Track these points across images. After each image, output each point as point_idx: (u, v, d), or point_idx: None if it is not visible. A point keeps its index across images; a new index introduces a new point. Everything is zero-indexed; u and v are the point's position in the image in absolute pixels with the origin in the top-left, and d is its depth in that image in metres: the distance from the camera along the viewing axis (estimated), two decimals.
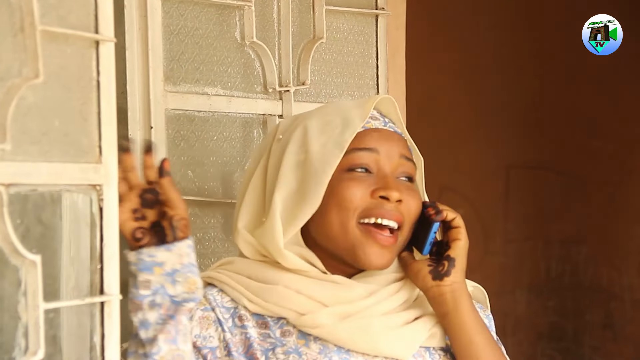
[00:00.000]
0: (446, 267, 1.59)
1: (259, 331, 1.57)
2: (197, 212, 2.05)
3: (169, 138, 1.98)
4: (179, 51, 2.02)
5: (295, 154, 1.60)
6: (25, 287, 1.17)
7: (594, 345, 1.96)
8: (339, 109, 1.64)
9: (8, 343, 1.19)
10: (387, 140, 1.61)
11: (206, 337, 1.56)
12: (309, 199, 1.56)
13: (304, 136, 1.60)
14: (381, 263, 1.58)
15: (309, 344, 1.55)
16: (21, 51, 1.15)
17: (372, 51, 2.42)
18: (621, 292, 3.87)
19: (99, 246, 1.24)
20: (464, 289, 1.61)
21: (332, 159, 1.55)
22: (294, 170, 1.59)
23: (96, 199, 1.24)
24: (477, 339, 1.61)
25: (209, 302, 1.58)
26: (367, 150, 1.58)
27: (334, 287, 1.58)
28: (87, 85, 1.21)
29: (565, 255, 3.96)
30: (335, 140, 1.57)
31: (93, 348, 1.24)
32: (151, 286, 1.39)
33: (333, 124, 1.59)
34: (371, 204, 1.56)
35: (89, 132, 1.21)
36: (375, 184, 1.57)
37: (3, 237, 1.15)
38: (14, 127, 1.14)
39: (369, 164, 1.58)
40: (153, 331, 1.38)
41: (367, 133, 1.59)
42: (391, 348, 1.56)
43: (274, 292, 1.56)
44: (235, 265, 1.64)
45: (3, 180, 1.14)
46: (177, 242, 1.40)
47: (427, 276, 1.60)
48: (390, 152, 1.59)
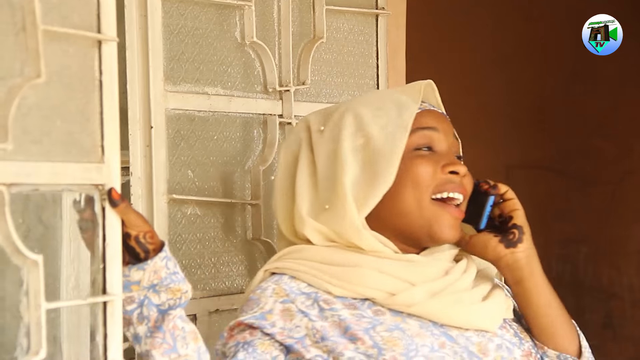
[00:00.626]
0: (517, 235, 1.67)
1: (350, 312, 1.58)
2: (197, 212, 2.05)
3: (169, 138, 1.98)
4: (179, 51, 2.02)
5: (351, 140, 1.64)
6: (27, 287, 1.17)
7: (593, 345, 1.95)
8: (385, 96, 1.72)
9: (10, 343, 1.19)
10: (441, 120, 1.69)
11: (291, 329, 1.56)
12: (381, 179, 1.61)
13: (356, 122, 1.65)
14: (454, 235, 1.66)
15: (406, 320, 1.59)
16: (23, 51, 1.14)
17: (372, 51, 2.42)
18: (621, 292, 3.87)
19: (101, 246, 1.24)
20: (536, 255, 1.69)
21: (399, 140, 1.61)
22: (354, 154, 1.64)
23: (99, 199, 1.24)
24: (553, 302, 1.69)
25: (287, 294, 1.60)
26: (429, 129, 1.66)
27: (413, 266, 1.63)
28: (89, 85, 1.21)
29: (565, 255, 3.96)
30: (396, 122, 1.63)
31: (96, 348, 1.24)
32: (135, 299, 1.39)
33: (386, 108, 1.65)
34: (442, 179, 1.64)
35: (92, 131, 1.21)
36: (441, 159, 1.64)
37: (5, 236, 1.15)
38: (16, 126, 1.14)
39: (432, 143, 1.66)
40: (144, 345, 1.39)
41: (424, 114, 1.67)
42: (483, 320, 1.62)
43: (358, 274, 1.60)
44: (304, 252, 1.65)
45: (4, 180, 1.14)
46: (149, 260, 1.39)
47: (498, 246, 1.67)
48: (446, 130, 1.68)
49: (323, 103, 2.29)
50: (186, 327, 1.41)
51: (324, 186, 1.65)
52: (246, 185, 2.13)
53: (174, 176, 1.99)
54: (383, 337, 1.55)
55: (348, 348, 1.53)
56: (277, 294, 1.59)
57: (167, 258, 1.41)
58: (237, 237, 2.12)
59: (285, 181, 1.72)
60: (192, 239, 2.03)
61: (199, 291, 2.04)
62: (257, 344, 1.55)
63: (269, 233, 2.16)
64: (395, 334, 1.56)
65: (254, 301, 1.60)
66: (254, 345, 1.55)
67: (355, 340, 1.54)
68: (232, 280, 2.12)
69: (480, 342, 1.60)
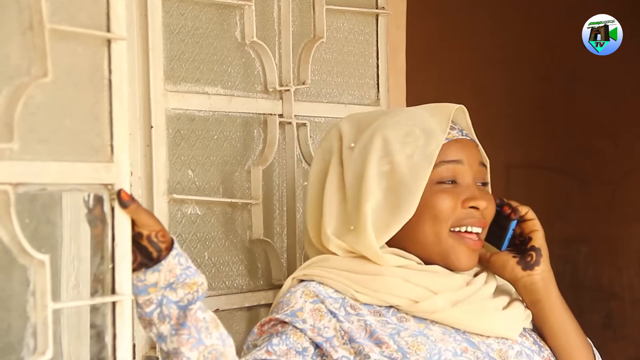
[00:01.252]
0: (535, 258, 1.72)
1: (376, 318, 1.63)
2: (198, 212, 2.04)
3: (169, 137, 1.98)
4: (179, 50, 2.02)
5: (377, 165, 1.68)
6: (33, 287, 1.16)
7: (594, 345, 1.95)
8: (415, 118, 1.71)
9: (17, 343, 1.19)
10: (468, 149, 1.71)
11: (321, 328, 1.61)
12: (403, 210, 1.64)
13: (384, 147, 1.68)
14: (470, 265, 1.70)
15: (429, 326, 1.63)
16: (30, 50, 1.14)
17: (372, 51, 2.42)
18: (621, 292, 3.88)
19: (110, 246, 1.24)
20: (552, 277, 1.75)
21: (423, 172, 1.64)
22: (378, 181, 1.67)
23: (108, 199, 1.23)
24: (569, 322, 1.74)
25: (317, 295, 1.65)
26: (454, 162, 1.68)
27: (436, 276, 1.68)
28: (98, 84, 1.20)
29: (565, 255, 3.97)
30: (422, 153, 1.65)
31: (105, 348, 1.24)
32: (153, 301, 1.39)
33: (414, 134, 1.67)
34: (462, 213, 1.67)
35: (101, 131, 1.21)
36: (463, 193, 1.68)
37: (11, 236, 1.14)
38: (22, 126, 1.14)
39: (456, 176, 1.68)
40: (171, 343, 1.39)
41: (450, 145, 1.68)
42: (504, 328, 1.67)
43: (383, 282, 1.65)
44: (331, 262, 1.71)
45: (10, 180, 1.13)
46: (163, 261, 1.39)
47: (516, 267, 1.72)
48: (471, 161, 1.70)
49: (323, 103, 2.29)
50: (207, 316, 1.42)
51: (351, 205, 1.69)
52: (246, 185, 2.13)
53: (174, 176, 1.99)
54: (407, 341, 1.60)
55: (374, 351, 1.58)
56: (307, 295, 1.65)
57: (178, 255, 1.41)
58: (238, 237, 2.12)
59: (316, 188, 1.77)
60: (192, 238, 2.03)
61: None
62: (290, 333, 1.60)
63: (269, 233, 2.16)
64: (419, 339, 1.61)
65: (284, 302, 1.66)
66: (287, 333, 1.60)
67: (381, 344, 1.59)
68: (232, 280, 2.11)
69: (500, 349, 1.65)
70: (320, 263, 1.71)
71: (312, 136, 2.24)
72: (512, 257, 1.73)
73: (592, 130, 3.94)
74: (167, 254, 1.39)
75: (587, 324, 3.94)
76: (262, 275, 2.14)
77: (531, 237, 1.73)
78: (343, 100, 2.34)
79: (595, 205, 3.95)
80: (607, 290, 3.89)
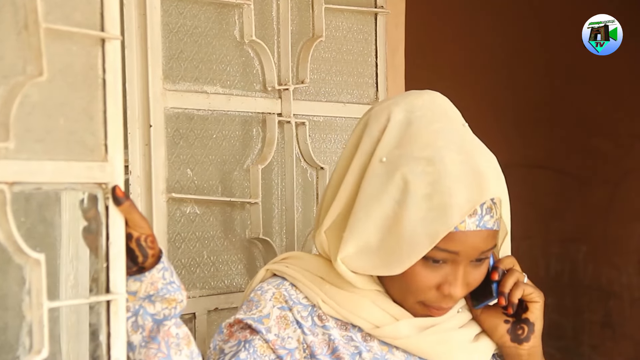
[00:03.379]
0: (526, 333, 1.64)
1: (341, 333, 1.60)
2: (196, 211, 2.05)
3: (168, 136, 1.98)
4: (178, 49, 2.02)
5: (387, 206, 1.53)
6: (29, 286, 1.16)
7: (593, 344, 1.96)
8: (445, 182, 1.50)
9: (12, 342, 1.19)
10: (473, 240, 1.53)
11: (284, 338, 1.57)
12: (387, 268, 1.54)
13: (402, 192, 1.52)
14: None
15: (393, 350, 1.60)
16: (25, 49, 1.14)
17: (371, 50, 2.42)
18: (620, 291, 3.88)
19: (105, 245, 1.24)
20: (540, 352, 1.66)
21: (419, 248, 1.51)
22: (379, 221, 1.53)
23: (102, 197, 1.23)
24: None
25: (285, 301, 1.60)
26: (449, 252, 1.53)
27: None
28: (92, 84, 1.20)
29: (564, 254, 3.97)
30: (427, 228, 1.50)
31: (99, 347, 1.24)
32: (130, 309, 1.38)
33: (432, 201, 1.50)
34: (433, 296, 1.57)
35: (95, 130, 1.20)
36: (444, 276, 1.55)
37: (6, 235, 1.14)
38: (18, 125, 1.13)
39: (447, 259, 1.54)
40: (139, 354, 1.38)
41: (455, 235, 1.51)
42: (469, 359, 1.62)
43: (350, 299, 1.59)
44: (305, 262, 1.65)
45: (6, 179, 1.13)
46: (147, 272, 1.37)
47: (505, 336, 1.64)
48: (471, 252, 1.54)
49: (322, 102, 2.29)
50: (180, 332, 1.41)
51: (354, 218, 1.56)
52: (245, 184, 2.13)
53: (173, 175, 1.99)
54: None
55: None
56: (277, 299, 1.60)
57: (164, 269, 1.39)
58: (236, 236, 2.12)
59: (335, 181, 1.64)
60: (191, 237, 2.03)
61: (198, 290, 2.04)
62: (257, 345, 1.57)
63: (268, 232, 2.16)
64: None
65: (254, 302, 1.61)
66: (254, 345, 1.57)
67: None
68: (231, 279, 2.12)
69: None
70: (295, 261, 1.65)
71: (311, 135, 2.24)
72: (503, 321, 1.64)
73: (592, 129, 3.95)
74: (153, 263, 1.38)
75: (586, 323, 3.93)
76: None
77: (528, 307, 1.64)
78: (342, 99, 2.34)
79: (595, 204, 3.95)
80: (606, 289, 3.89)
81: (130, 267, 1.35)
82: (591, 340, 1.80)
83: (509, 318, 1.64)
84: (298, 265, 1.65)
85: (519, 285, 1.62)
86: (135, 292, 1.37)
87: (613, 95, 3.89)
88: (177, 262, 1.99)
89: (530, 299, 1.63)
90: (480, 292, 1.63)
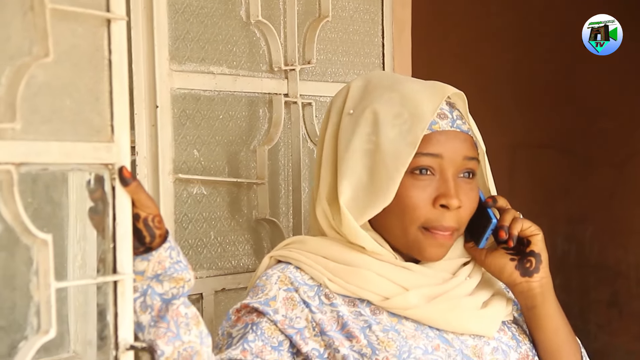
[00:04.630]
0: (534, 264, 1.67)
1: (349, 309, 1.62)
2: (203, 192, 2.05)
3: (175, 117, 1.98)
4: (184, 30, 2.02)
5: (363, 141, 1.63)
6: (36, 266, 1.17)
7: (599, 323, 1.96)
8: (409, 98, 1.64)
9: (20, 322, 1.19)
10: (453, 142, 1.64)
11: (292, 319, 1.59)
12: (381, 195, 1.60)
13: (373, 123, 1.64)
14: (436, 259, 1.65)
15: (402, 321, 1.61)
16: (31, 30, 1.14)
17: (377, 30, 2.41)
18: (627, 270, 3.88)
19: (111, 225, 1.24)
20: (550, 283, 1.69)
21: (403, 157, 1.59)
22: (362, 158, 1.63)
23: (108, 178, 1.23)
24: (563, 328, 1.70)
25: (291, 282, 1.63)
26: (432, 155, 1.62)
27: (410, 274, 1.64)
28: (98, 64, 1.20)
29: (570, 234, 3.97)
30: (405, 138, 1.60)
31: (106, 327, 1.24)
32: (138, 289, 1.38)
33: (402, 117, 1.62)
34: (432, 214, 1.62)
35: (101, 111, 1.21)
36: (437, 189, 1.62)
37: (14, 216, 1.14)
38: (24, 106, 1.14)
39: (433, 167, 1.62)
40: (148, 334, 1.38)
41: (433, 137, 1.62)
42: (479, 327, 1.64)
43: (356, 274, 1.62)
44: (308, 244, 1.68)
45: (13, 160, 1.13)
46: (154, 251, 1.38)
47: (514, 272, 1.67)
48: (454, 155, 1.63)
49: (329, 82, 2.29)
50: (189, 312, 1.41)
51: (341, 166, 1.65)
52: (252, 165, 2.13)
53: (179, 156, 1.99)
54: (378, 337, 1.58)
55: (344, 345, 1.57)
56: (282, 282, 1.63)
57: (171, 248, 1.39)
58: (243, 217, 2.13)
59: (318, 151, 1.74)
60: (198, 218, 2.04)
61: (205, 270, 2.04)
62: (264, 327, 1.59)
63: (275, 212, 2.16)
64: (390, 334, 1.59)
65: (260, 287, 1.64)
66: (261, 327, 1.58)
67: (351, 338, 1.57)
68: (238, 260, 2.12)
69: (475, 345, 1.63)
70: (298, 245, 1.69)
71: (318, 115, 2.24)
72: (509, 260, 1.68)
73: (597, 110, 3.94)
74: (160, 243, 1.38)
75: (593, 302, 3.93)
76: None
77: (530, 240, 1.68)
78: (348, 80, 2.33)
79: (601, 184, 3.95)
80: (613, 269, 3.89)
81: (137, 247, 1.36)
82: (598, 319, 1.80)
83: (514, 257, 1.68)
84: (301, 248, 1.68)
85: (517, 219, 1.67)
86: (143, 272, 1.37)
87: (619, 76, 3.88)
88: (184, 242, 2.00)
89: (530, 232, 1.67)
90: (478, 229, 1.67)
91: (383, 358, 1.55)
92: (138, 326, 1.38)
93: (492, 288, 1.72)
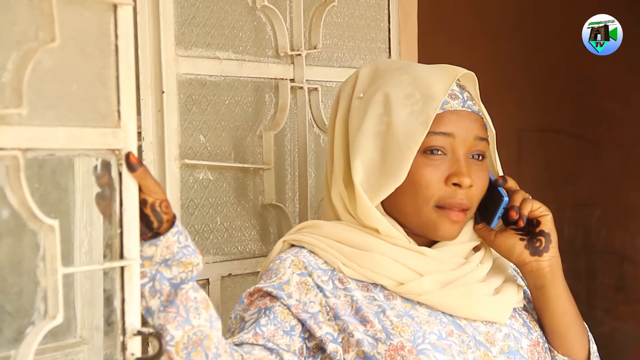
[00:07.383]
0: (544, 244, 1.68)
1: (363, 294, 1.62)
2: (209, 177, 2.05)
3: (181, 103, 1.98)
4: (190, 15, 2.01)
5: (375, 122, 1.65)
6: (43, 252, 1.17)
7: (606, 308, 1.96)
8: (420, 79, 1.66)
9: (27, 307, 1.19)
10: (464, 122, 1.66)
11: (306, 303, 1.60)
12: (394, 174, 1.62)
13: (385, 105, 1.65)
14: (450, 237, 1.66)
15: (416, 307, 1.62)
16: (37, 15, 1.14)
17: (384, 14, 2.41)
18: (634, 255, 3.88)
19: (118, 211, 1.24)
20: (559, 263, 1.70)
21: (416, 136, 1.61)
22: (374, 139, 1.65)
23: (115, 164, 1.23)
24: (570, 309, 1.71)
25: (305, 267, 1.63)
26: (444, 134, 1.64)
27: (423, 258, 1.65)
28: (105, 50, 1.20)
29: (578, 218, 3.96)
30: (418, 117, 1.62)
31: (113, 312, 1.24)
32: (147, 274, 1.38)
33: (414, 97, 1.64)
34: (445, 192, 1.63)
35: (108, 96, 1.20)
36: (449, 168, 1.64)
37: (20, 201, 1.14)
38: (31, 91, 1.14)
39: (445, 147, 1.64)
40: (158, 319, 1.38)
41: (445, 116, 1.64)
42: (491, 313, 1.65)
43: (370, 259, 1.63)
44: (322, 229, 1.69)
45: (20, 145, 1.13)
46: (162, 236, 1.37)
47: (524, 252, 1.68)
48: (466, 135, 1.65)
49: (335, 67, 2.29)
50: (198, 296, 1.41)
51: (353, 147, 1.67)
52: (258, 150, 2.13)
53: (185, 141, 1.99)
54: (392, 322, 1.58)
55: (358, 329, 1.57)
56: (296, 266, 1.63)
57: (179, 233, 1.39)
58: (249, 202, 2.12)
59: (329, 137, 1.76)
60: (204, 203, 2.04)
61: (212, 255, 2.04)
62: (277, 311, 1.59)
63: (281, 198, 2.16)
64: (405, 320, 1.59)
65: (273, 271, 1.64)
66: (274, 312, 1.59)
67: (366, 322, 1.58)
68: (244, 245, 2.12)
69: (488, 332, 1.64)
70: (311, 229, 1.69)
71: (324, 101, 2.23)
72: (519, 239, 1.69)
73: (606, 93, 3.93)
74: (168, 228, 1.37)
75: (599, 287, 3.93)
76: (274, 240, 2.15)
77: (540, 220, 1.69)
78: (355, 65, 2.33)
79: (609, 168, 3.95)
80: (620, 254, 3.89)
81: (145, 233, 1.35)
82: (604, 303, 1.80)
83: (524, 237, 1.69)
84: (315, 232, 1.68)
85: (527, 200, 1.69)
86: (152, 257, 1.37)
87: (627, 59, 3.86)
88: (191, 228, 2.00)
89: (540, 212, 1.69)
90: (489, 209, 1.69)
91: (397, 343, 1.56)
92: (147, 311, 1.38)
93: (503, 274, 1.73)
